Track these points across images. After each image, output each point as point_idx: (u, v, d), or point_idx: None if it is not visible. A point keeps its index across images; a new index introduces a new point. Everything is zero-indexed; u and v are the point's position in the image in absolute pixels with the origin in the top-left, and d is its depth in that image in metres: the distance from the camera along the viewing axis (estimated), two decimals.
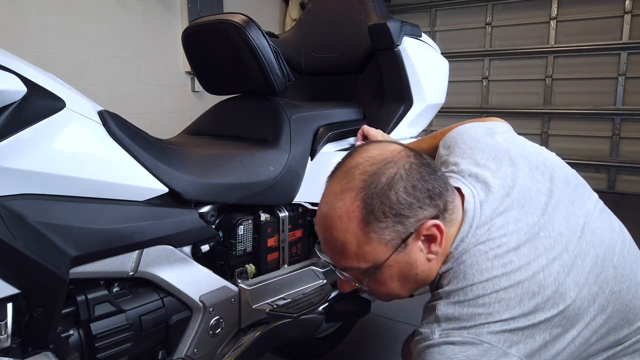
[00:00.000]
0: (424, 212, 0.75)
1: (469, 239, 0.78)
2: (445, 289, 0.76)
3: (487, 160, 0.88)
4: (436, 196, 0.76)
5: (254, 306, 1.26)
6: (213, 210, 1.19)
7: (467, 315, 0.72)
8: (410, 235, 0.75)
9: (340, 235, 0.76)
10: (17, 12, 2.88)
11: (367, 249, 0.76)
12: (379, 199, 0.73)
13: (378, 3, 1.68)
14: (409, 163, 0.75)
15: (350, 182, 0.75)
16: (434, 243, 0.77)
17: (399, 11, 5.18)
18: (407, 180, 0.74)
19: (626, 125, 4.13)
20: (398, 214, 0.74)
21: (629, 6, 4.08)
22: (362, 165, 0.76)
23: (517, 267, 0.74)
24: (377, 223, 0.74)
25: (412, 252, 0.77)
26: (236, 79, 1.47)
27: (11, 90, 0.80)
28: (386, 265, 0.77)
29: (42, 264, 0.82)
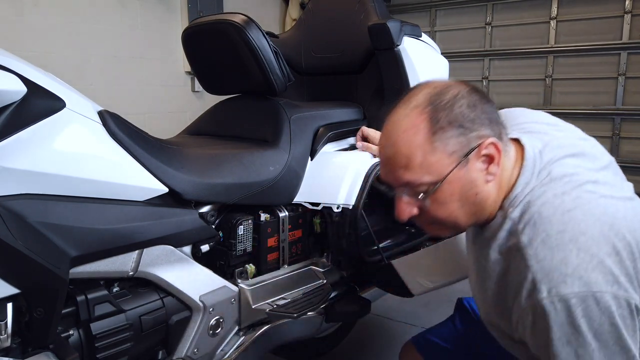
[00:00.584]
0: (484, 130, 0.79)
1: (533, 182, 0.82)
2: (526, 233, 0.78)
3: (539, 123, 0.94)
4: (493, 122, 0.81)
5: (254, 306, 1.26)
6: (213, 210, 1.19)
7: (562, 259, 0.74)
8: (471, 150, 0.79)
9: (405, 148, 0.80)
10: (17, 12, 2.88)
11: (431, 159, 0.79)
12: (444, 112, 0.78)
13: (378, 3, 1.68)
14: (468, 90, 0.80)
15: (416, 102, 0.80)
16: (493, 163, 0.80)
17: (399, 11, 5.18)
18: (470, 100, 0.79)
19: (626, 125, 4.12)
20: (462, 125, 0.78)
21: (629, 6, 4.07)
22: (425, 89, 0.81)
23: (587, 201, 0.78)
24: (443, 133, 0.78)
25: (472, 170, 0.80)
26: (236, 79, 1.47)
27: (11, 90, 0.80)
28: (448, 181, 0.79)
29: (42, 264, 0.82)
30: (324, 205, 1.35)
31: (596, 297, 0.72)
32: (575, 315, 0.73)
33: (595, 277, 0.73)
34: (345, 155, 1.46)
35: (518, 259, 0.79)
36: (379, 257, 1.42)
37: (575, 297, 0.73)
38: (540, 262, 0.75)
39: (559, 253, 0.75)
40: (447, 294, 2.15)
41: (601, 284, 0.73)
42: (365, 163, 1.41)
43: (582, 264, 0.73)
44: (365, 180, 1.37)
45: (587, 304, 0.73)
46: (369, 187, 1.36)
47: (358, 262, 1.44)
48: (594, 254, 0.74)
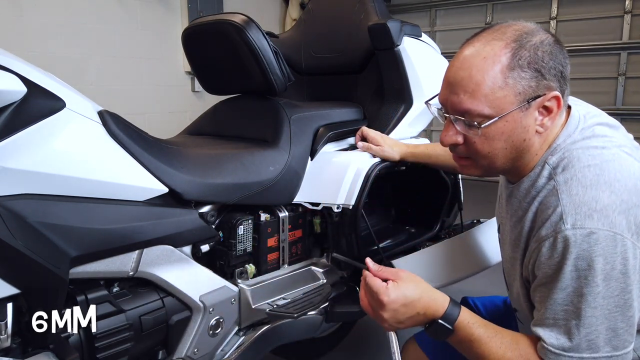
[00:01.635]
0: (554, 82, 0.80)
1: (575, 134, 0.85)
2: (564, 174, 0.81)
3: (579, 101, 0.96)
4: (564, 77, 0.82)
5: (254, 306, 1.26)
6: (213, 210, 1.19)
7: (592, 195, 0.76)
8: (537, 97, 0.80)
9: (479, 74, 0.80)
10: (17, 12, 2.88)
11: (499, 94, 0.79)
12: (528, 52, 0.78)
13: (378, 3, 1.68)
14: (554, 40, 0.81)
15: (503, 34, 0.80)
16: (549, 116, 0.82)
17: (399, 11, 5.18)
18: (553, 49, 0.80)
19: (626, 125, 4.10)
20: (539, 70, 0.79)
21: (629, 6, 4.08)
22: (514, 26, 0.81)
23: (625, 158, 0.81)
24: (520, 71, 0.78)
25: (529, 117, 0.81)
26: (236, 79, 1.47)
27: (11, 90, 0.80)
28: (505, 119, 0.81)
29: (42, 264, 0.82)
30: (324, 205, 1.35)
31: (617, 238, 0.74)
32: (594, 250, 0.74)
33: (620, 220, 0.75)
34: (345, 155, 1.46)
35: (551, 196, 0.81)
36: (379, 257, 1.42)
37: (597, 232, 0.74)
38: (571, 197, 0.77)
39: (592, 191, 0.77)
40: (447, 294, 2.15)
41: (624, 229, 0.75)
42: (365, 163, 1.41)
43: (612, 205, 0.75)
44: (365, 180, 1.37)
45: (607, 242, 0.74)
46: (369, 187, 1.36)
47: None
48: (625, 200, 0.76)
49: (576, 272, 0.75)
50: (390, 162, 1.45)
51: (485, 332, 0.85)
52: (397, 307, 0.86)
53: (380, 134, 1.49)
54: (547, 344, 0.79)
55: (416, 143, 1.54)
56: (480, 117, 0.81)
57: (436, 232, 1.67)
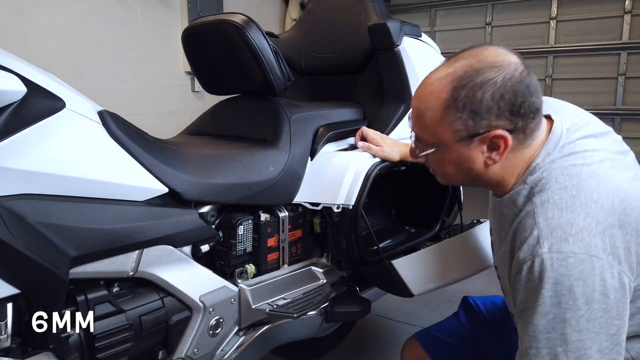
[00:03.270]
0: (498, 122, 0.81)
1: (555, 153, 0.85)
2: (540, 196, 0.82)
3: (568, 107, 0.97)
4: (518, 114, 0.81)
5: (254, 306, 1.26)
6: (213, 210, 1.19)
7: (569, 219, 0.77)
8: (477, 134, 0.82)
9: (423, 107, 0.86)
10: (17, 12, 2.88)
11: (438, 129, 0.84)
12: (466, 92, 0.80)
13: (378, 3, 1.68)
14: (512, 75, 0.80)
15: (453, 69, 0.83)
16: (496, 151, 0.84)
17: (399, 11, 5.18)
18: (499, 87, 0.79)
19: (626, 125, 4.13)
20: (475, 111, 0.80)
21: (629, 6, 4.08)
22: (472, 59, 0.83)
23: (605, 175, 0.81)
24: (455, 112, 0.82)
25: (473, 150, 0.85)
26: (236, 79, 1.47)
27: (11, 90, 0.80)
28: (447, 149, 0.86)
29: (42, 264, 0.82)
30: (324, 205, 1.35)
31: (593, 261, 0.75)
32: (572, 274, 0.75)
33: (596, 242, 0.75)
34: (345, 155, 1.46)
35: (529, 218, 0.81)
36: (379, 257, 1.42)
37: (574, 257, 0.75)
38: (547, 220, 0.78)
39: (567, 214, 0.78)
40: (447, 294, 2.15)
41: (600, 250, 0.75)
42: (365, 163, 1.41)
43: (587, 227, 0.76)
44: (365, 180, 1.37)
45: (584, 266, 0.75)
46: (369, 187, 1.36)
47: (358, 262, 1.44)
48: (601, 221, 0.77)
49: (556, 298, 0.76)
50: (390, 162, 1.45)
51: None
52: None
53: (380, 134, 1.48)
54: None
55: None
56: (427, 143, 0.89)
57: (436, 232, 1.67)
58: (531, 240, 0.79)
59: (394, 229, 1.71)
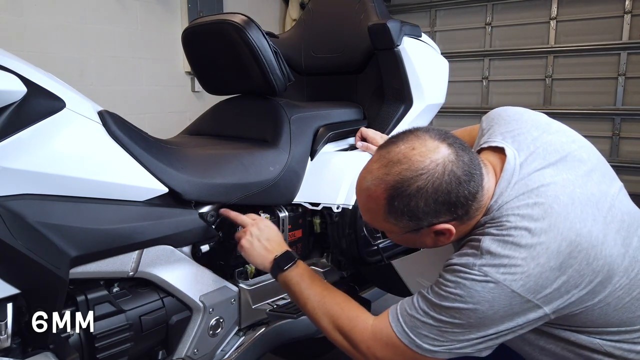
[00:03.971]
0: (439, 219, 0.85)
1: (507, 192, 0.86)
2: (491, 230, 0.84)
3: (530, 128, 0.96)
4: (456, 207, 0.84)
5: (254, 306, 1.26)
6: (213, 210, 1.19)
7: (508, 254, 0.80)
8: (421, 229, 0.87)
9: (366, 207, 0.90)
10: (17, 12, 2.88)
11: (385, 224, 0.89)
12: (401, 201, 0.83)
13: (378, 3, 1.68)
14: (440, 177, 0.82)
15: (386, 175, 0.85)
16: (443, 236, 0.88)
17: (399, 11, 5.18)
18: (432, 194, 0.82)
19: (626, 125, 4.12)
20: (414, 216, 0.85)
21: (629, 6, 4.07)
22: (402, 165, 0.84)
23: (557, 213, 0.81)
24: (395, 215, 0.86)
25: (422, 236, 0.89)
26: (236, 79, 1.47)
27: (11, 90, 0.80)
28: (399, 237, 0.92)
29: (42, 264, 0.82)
30: (324, 205, 1.35)
31: (511, 295, 0.79)
32: (484, 296, 0.80)
33: (525, 282, 0.79)
34: (345, 155, 1.46)
35: (475, 241, 0.85)
36: (379, 257, 1.42)
37: (496, 285, 0.79)
38: (491, 249, 0.82)
39: (510, 251, 0.80)
40: None
41: (525, 290, 0.79)
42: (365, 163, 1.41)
43: (524, 266, 0.79)
44: None
45: (500, 295, 0.79)
46: None
47: (358, 262, 1.44)
48: (541, 263, 0.79)
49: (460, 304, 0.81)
50: None
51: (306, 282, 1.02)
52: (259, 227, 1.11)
53: (380, 134, 1.48)
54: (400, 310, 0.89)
55: None
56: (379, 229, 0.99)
57: None
58: (469, 254, 0.84)
59: None
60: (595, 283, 0.81)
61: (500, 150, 0.92)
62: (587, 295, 0.82)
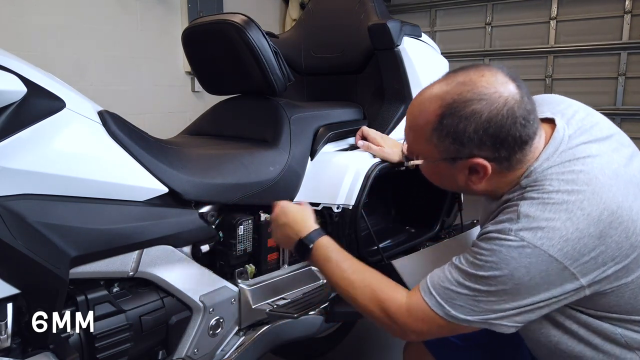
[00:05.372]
0: (480, 152, 0.84)
1: (553, 158, 0.86)
2: (531, 194, 0.83)
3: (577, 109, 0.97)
4: (501, 147, 0.83)
5: (254, 306, 1.26)
6: (213, 210, 1.19)
7: (547, 217, 0.79)
8: (459, 159, 0.87)
9: (414, 122, 0.91)
10: (17, 12, 2.88)
11: (425, 145, 0.90)
12: (452, 120, 0.83)
13: (378, 3, 1.68)
14: (499, 110, 0.81)
15: (447, 93, 0.85)
16: (476, 176, 0.88)
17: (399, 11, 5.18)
18: (483, 121, 0.82)
19: (626, 125, 4.12)
20: (458, 140, 0.84)
21: (629, 6, 4.08)
22: (466, 86, 0.84)
23: (601, 183, 0.81)
24: (440, 135, 0.86)
25: (456, 170, 0.89)
26: (236, 79, 1.47)
27: (11, 90, 0.80)
28: (432, 164, 0.92)
29: (42, 264, 0.82)
30: (324, 205, 1.35)
31: (548, 260, 0.78)
32: (521, 261, 0.78)
33: (563, 246, 0.78)
34: (345, 155, 1.46)
35: (512, 207, 0.84)
36: (379, 257, 1.42)
37: (533, 249, 0.78)
38: (529, 212, 0.81)
39: (549, 213, 0.80)
40: None
41: (562, 255, 0.78)
42: (365, 163, 1.41)
43: (562, 230, 0.78)
44: (365, 180, 1.37)
45: (536, 260, 0.78)
46: (369, 187, 1.36)
47: None
48: (581, 229, 0.78)
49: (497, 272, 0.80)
50: (390, 162, 1.45)
51: (338, 256, 1.00)
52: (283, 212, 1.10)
53: (381, 134, 1.48)
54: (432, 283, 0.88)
55: None
56: (415, 153, 0.95)
57: (436, 232, 1.67)
58: (505, 220, 0.83)
59: (394, 229, 1.71)
60: (632, 259, 0.80)
61: (550, 122, 0.92)
62: (622, 272, 0.81)
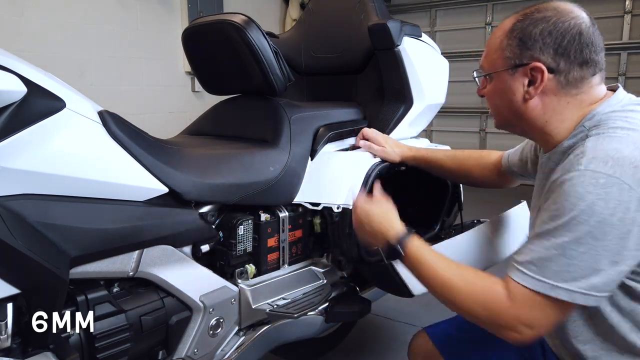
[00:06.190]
0: (541, 56, 0.87)
1: (616, 106, 0.88)
2: (595, 131, 0.85)
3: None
4: (562, 55, 0.87)
5: (254, 306, 1.26)
6: (213, 210, 1.19)
7: (615, 147, 0.79)
8: (521, 65, 0.90)
9: (491, 37, 0.97)
10: (17, 12, 2.88)
11: (494, 55, 0.94)
12: (523, 23, 0.89)
13: (378, 3, 1.68)
14: (567, 21, 0.87)
15: (526, 9, 0.91)
16: (533, 86, 0.90)
17: (399, 11, 5.19)
18: (551, 26, 0.87)
19: None
20: (523, 41, 0.89)
21: (629, 6, 4.08)
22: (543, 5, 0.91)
23: None
24: (510, 39, 0.91)
25: (516, 81, 0.92)
26: (236, 79, 1.47)
27: (11, 90, 0.80)
28: (496, 77, 0.95)
29: (42, 264, 0.82)
30: (324, 205, 1.35)
31: (623, 188, 0.76)
32: (598, 192, 0.77)
33: (634, 172, 0.77)
34: (345, 156, 1.46)
35: (579, 147, 0.85)
36: (379, 257, 1.42)
37: (606, 178, 0.77)
38: (595, 145, 0.81)
39: (616, 144, 0.80)
40: None
41: (635, 181, 0.77)
42: (366, 163, 1.41)
43: (631, 157, 0.78)
44: (365, 180, 1.37)
45: (613, 189, 0.76)
46: (369, 187, 1.36)
47: (358, 262, 1.43)
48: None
49: (575, 211, 0.78)
50: (390, 162, 1.45)
51: (432, 257, 0.96)
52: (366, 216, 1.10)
53: (383, 134, 1.48)
54: (517, 262, 0.83)
55: (419, 146, 1.54)
56: (484, 71, 0.98)
57: (436, 232, 1.67)
58: (574, 159, 0.82)
59: None
60: None
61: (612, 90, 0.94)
62: None
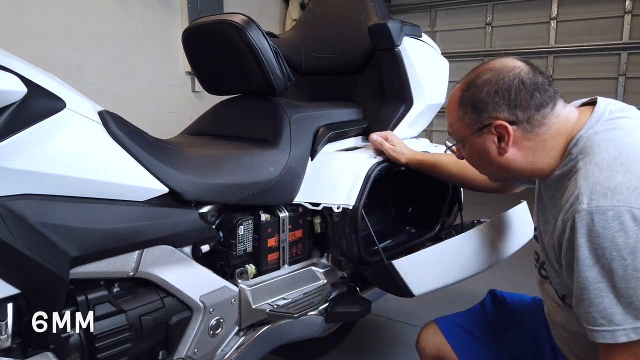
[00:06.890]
0: (497, 114, 0.91)
1: (597, 125, 0.89)
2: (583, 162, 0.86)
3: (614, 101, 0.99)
4: (515, 107, 0.90)
5: (254, 306, 1.26)
6: (213, 210, 1.19)
7: (607, 176, 0.80)
8: (484, 126, 0.93)
9: (448, 107, 1.01)
10: (17, 12, 2.88)
11: (457, 124, 0.99)
12: (468, 93, 0.94)
13: (378, 3, 1.67)
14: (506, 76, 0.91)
15: (467, 77, 0.97)
16: (503, 141, 0.92)
17: (399, 11, 5.19)
18: (493, 84, 0.91)
19: None
20: (475, 107, 0.93)
21: (629, 6, 4.08)
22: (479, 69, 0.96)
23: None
24: (463, 108, 0.96)
25: (485, 141, 0.95)
26: (236, 79, 1.47)
27: (11, 90, 0.80)
28: (467, 142, 0.99)
29: (42, 264, 0.82)
30: (324, 205, 1.35)
31: (633, 212, 0.77)
32: (612, 226, 0.77)
33: (635, 197, 0.77)
34: (345, 156, 1.46)
35: (572, 181, 0.85)
36: (379, 257, 1.42)
37: (613, 209, 0.77)
38: (587, 179, 0.82)
39: (607, 172, 0.81)
40: (447, 294, 2.15)
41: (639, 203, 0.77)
42: (365, 163, 1.41)
43: (626, 182, 0.78)
44: (365, 180, 1.37)
45: (624, 218, 0.77)
46: (369, 187, 1.36)
47: (358, 262, 1.44)
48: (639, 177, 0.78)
49: (601, 250, 0.78)
50: (390, 162, 1.45)
51: None
52: None
53: (399, 139, 1.48)
54: (593, 327, 0.81)
55: (419, 147, 1.54)
56: (455, 139, 1.03)
57: (437, 232, 1.67)
58: (572, 199, 0.82)
59: (394, 229, 1.71)
60: None
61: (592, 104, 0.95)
62: None
